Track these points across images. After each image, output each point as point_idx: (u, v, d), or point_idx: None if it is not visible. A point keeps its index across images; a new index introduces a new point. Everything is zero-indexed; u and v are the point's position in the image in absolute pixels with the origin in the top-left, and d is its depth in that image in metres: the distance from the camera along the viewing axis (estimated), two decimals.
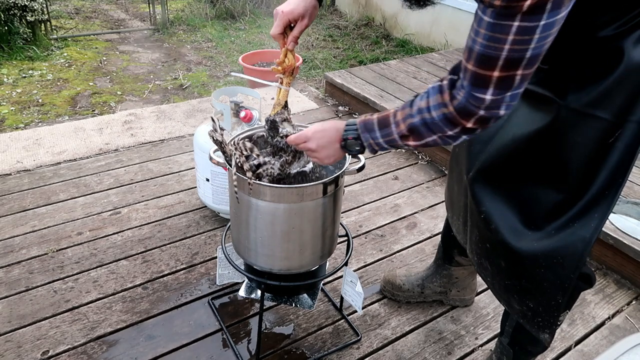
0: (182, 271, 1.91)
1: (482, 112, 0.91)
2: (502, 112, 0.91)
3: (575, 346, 1.71)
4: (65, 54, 4.58)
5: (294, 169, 1.28)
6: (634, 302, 1.90)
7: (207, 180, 2.03)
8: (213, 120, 1.31)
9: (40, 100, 3.65)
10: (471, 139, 1.21)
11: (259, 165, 1.27)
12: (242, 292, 1.62)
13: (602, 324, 1.80)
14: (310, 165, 1.30)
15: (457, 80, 0.93)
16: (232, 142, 1.32)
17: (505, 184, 1.15)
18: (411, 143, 1.05)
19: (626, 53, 0.94)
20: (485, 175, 1.18)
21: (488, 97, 0.88)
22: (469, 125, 0.94)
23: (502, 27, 0.80)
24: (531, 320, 1.21)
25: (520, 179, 1.13)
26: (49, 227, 2.11)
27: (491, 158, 1.16)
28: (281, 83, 1.28)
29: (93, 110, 3.56)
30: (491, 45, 0.82)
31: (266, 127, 1.30)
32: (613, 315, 1.83)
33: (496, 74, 0.85)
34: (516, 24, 0.78)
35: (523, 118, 1.10)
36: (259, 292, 1.54)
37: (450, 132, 0.98)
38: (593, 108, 0.99)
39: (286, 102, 1.29)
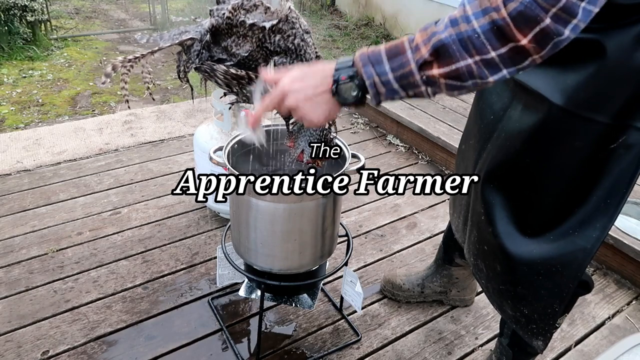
0: (182, 271, 1.91)
1: (548, 21, 0.69)
2: (567, 30, 0.70)
3: (575, 346, 1.71)
4: (66, 54, 4.58)
5: (251, 19, 1.07)
6: (634, 302, 1.90)
7: None
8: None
9: (40, 100, 3.64)
10: (478, 133, 1.17)
11: (218, 2, 1.12)
12: (242, 292, 1.62)
13: (602, 324, 1.80)
14: (273, 22, 1.06)
15: None
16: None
17: (506, 186, 1.11)
18: (434, 72, 0.75)
19: (609, 51, 0.85)
20: (493, 175, 1.12)
21: None
22: (524, 42, 0.71)
23: None
24: (524, 326, 1.20)
25: (519, 181, 1.09)
26: (49, 227, 2.11)
27: (493, 157, 1.11)
28: None
29: (93, 110, 3.56)
30: None
31: None
32: (613, 315, 1.83)
33: None
34: None
35: (516, 116, 1.04)
36: (259, 292, 1.54)
37: (493, 54, 0.72)
38: (587, 110, 0.92)
39: None
